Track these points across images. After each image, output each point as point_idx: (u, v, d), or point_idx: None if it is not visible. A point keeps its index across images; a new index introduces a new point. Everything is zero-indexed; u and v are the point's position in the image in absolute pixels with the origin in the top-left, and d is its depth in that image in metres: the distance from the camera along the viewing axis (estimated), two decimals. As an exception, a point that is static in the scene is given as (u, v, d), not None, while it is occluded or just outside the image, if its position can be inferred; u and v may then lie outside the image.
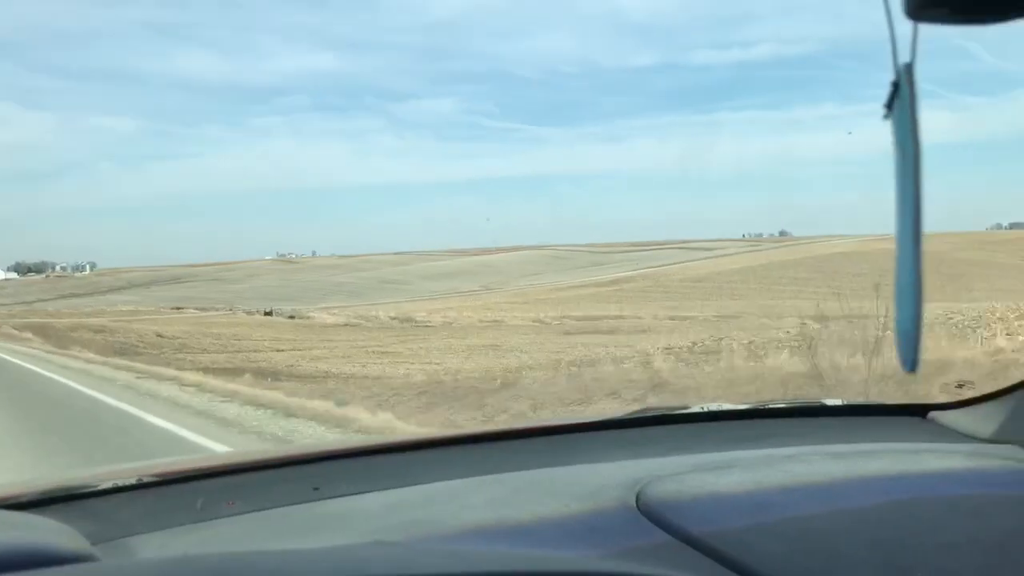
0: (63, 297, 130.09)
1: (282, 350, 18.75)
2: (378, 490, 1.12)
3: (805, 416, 1.58)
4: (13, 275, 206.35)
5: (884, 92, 0.55)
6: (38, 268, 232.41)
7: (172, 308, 67.67)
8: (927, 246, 0.56)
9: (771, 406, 1.61)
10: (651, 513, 0.96)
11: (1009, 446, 1.26)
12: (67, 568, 0.72)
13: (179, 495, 1.11)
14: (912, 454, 1.25)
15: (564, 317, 29.88)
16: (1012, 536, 0.96)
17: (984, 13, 0.52)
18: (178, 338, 22.01)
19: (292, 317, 39.36)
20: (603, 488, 1.04)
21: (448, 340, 21.95)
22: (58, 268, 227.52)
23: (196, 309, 58.86)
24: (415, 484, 1.14)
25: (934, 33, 0.54)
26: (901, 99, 0.55)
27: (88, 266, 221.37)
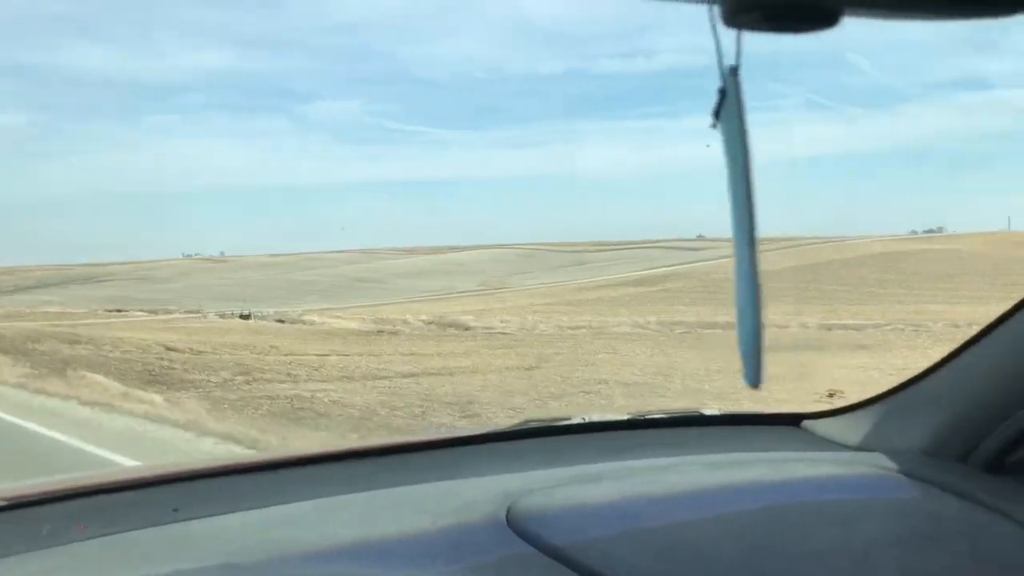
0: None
1: (413, 375, 12.53)
2: (241, 510, 1.09)
3: (683, 426, 1.58)
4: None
5: (776, 103, 0.33)
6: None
7: (111, 311, 59.56)
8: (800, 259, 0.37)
9: (650, 416, 1.59)
10: (519, 527, 0.97)
11: (875, 454, 1.29)
12: None
13: (20, 521, 1.07)
14: (782, 463, 1.29)
15: (655, 321, 24.00)
16: (874, 544, 1.01)
17: (795, 20, 0.51)
18: (204, 352, 15.59)
19: (282, 321, 32.28)
20: (474, 503, 1.04)
21: (604, 355, 15.92)
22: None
23: (145, 312, 50.89)
24: (281, 504, 1.11)
25: (818, 45, 0.34)
26: (727, 106, 0.54)
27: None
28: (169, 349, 16.23)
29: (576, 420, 1.57)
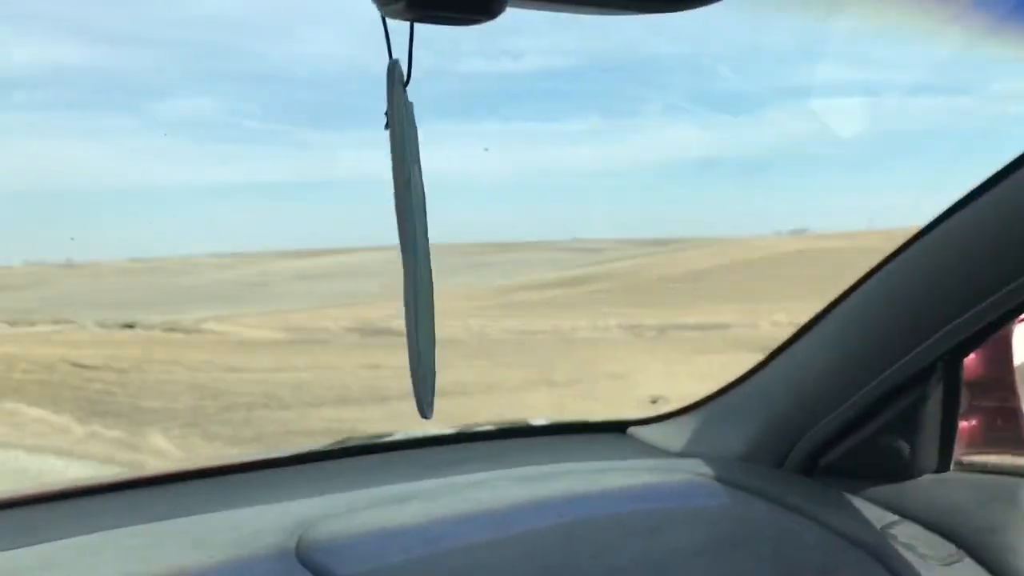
0: None
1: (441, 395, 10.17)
2: None
3: (509, 438, 1.55)
4: None
5: (638, 107, 0.41)
6: None
7: None
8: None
9: (476, 429, 1.57)
10: (306, 558, 0.92)
11: (693, 460, 1.30)
12: None
13: None
14: (599, 472, 1.26)
15: (615, 324, 22.26)
16: (677, 553, 1.01)
17: (448, 11, 0.49)
18: (128, 370, 12.86)
19: (173, 330, 28.80)
20: (259, 533, 0.98)
21: (612, 366, 13.90)
22: None
23: (5, 323, 45.28)
24: (37, 543, 0.97)
25: (684, 51, 0.38)
26: (390, 105, 0.52)
27: None
28: (81, 366, 13.27)
29: (399, 436, 1.54)
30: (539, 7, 0.51)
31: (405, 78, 0.53)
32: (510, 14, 0.51)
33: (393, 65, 0.52)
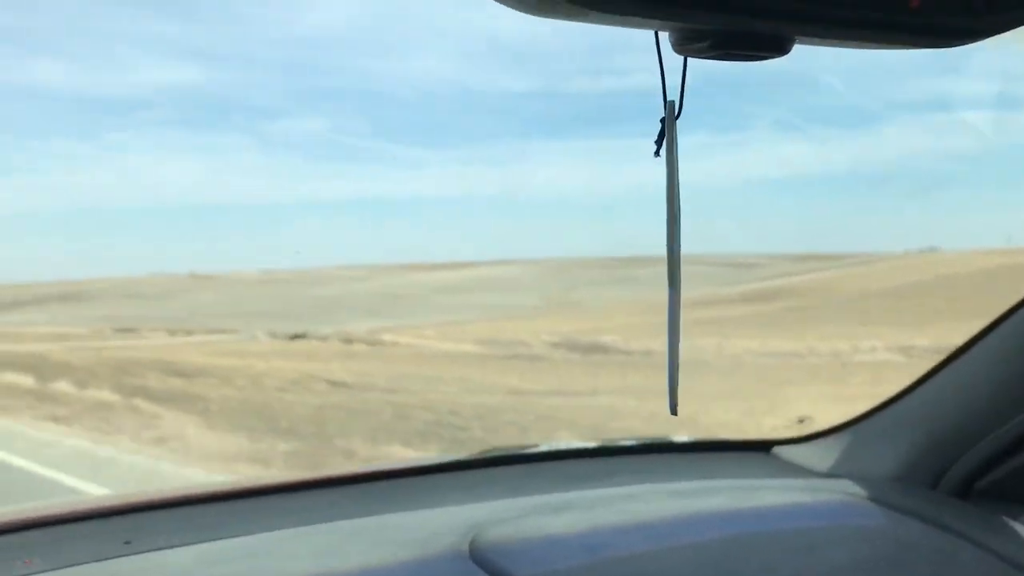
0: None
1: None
2: (196, 543, 1.06)
3: (651, 453, 1.57)
4: None
5: (748, 122, 0.40)
6: None
7: (119, 330, 54.14)
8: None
9: (618, 444, 1.61)
10: (482, 559, 0.96)
11: (844, 480, 1.29)
12: None
13: None
14: (749, 490, 1.27)
15: (910, 347, 19.82)
16: (838, 571, 1.02)
17: (744, 49, 0.53)
18: (396, 390, 11.10)
19: (349, 341, 27.88)
20: (435, 535, 1.03)
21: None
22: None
23: (167, 332, 45.83)
24: (237, 536, 1.09)
25: (787, 67, 0.45)
26: (667, 138, 0.57)
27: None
28: (337, 384, 11.56)
29: (541, 448, 1.62)
30: (826, 44, 0.54)
31: (677, 113, 0.57)
32: (618, 32, 0.53)
33: (671, 104, 0.56)
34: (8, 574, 0.96)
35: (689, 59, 0.55)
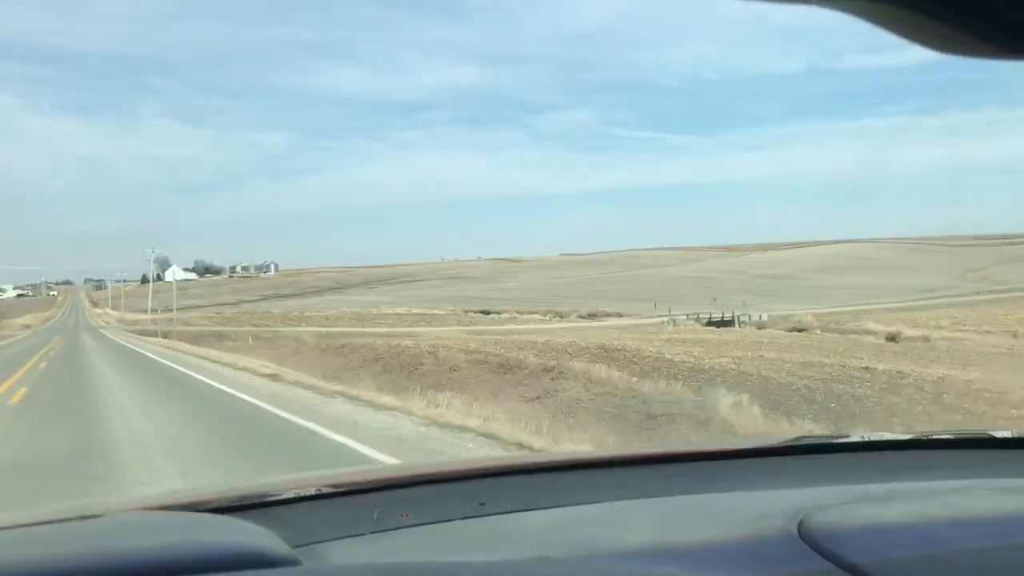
0: (267, 299, 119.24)
1: None
2: (541, 508, 1.18)
3: (969, 448, 1.53)
4: (192, 275, 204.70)
5: None
6: (214, 269, 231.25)
7: (477, 312, 53.48)
8: None
9: (934, 437, 1.57)
10: (814, 542, 0.96)
11: None
12: (281, 571, 0.81)
13: (356, 505, 1.20)
14: None
15: None
16: None
17: None
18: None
19: (825, 331, 22.66)
20: (764, 516, 1.05)
21: None
22: (239, 269, 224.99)
23: (539, 314, 44.51)
24: (578, 504, 1.18)
25: None
26: None
27: (272, 266, 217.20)
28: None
29: (855, 438, 1.58)
30: None
31: None
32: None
33: None
34: (391, 525, 1.12)
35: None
